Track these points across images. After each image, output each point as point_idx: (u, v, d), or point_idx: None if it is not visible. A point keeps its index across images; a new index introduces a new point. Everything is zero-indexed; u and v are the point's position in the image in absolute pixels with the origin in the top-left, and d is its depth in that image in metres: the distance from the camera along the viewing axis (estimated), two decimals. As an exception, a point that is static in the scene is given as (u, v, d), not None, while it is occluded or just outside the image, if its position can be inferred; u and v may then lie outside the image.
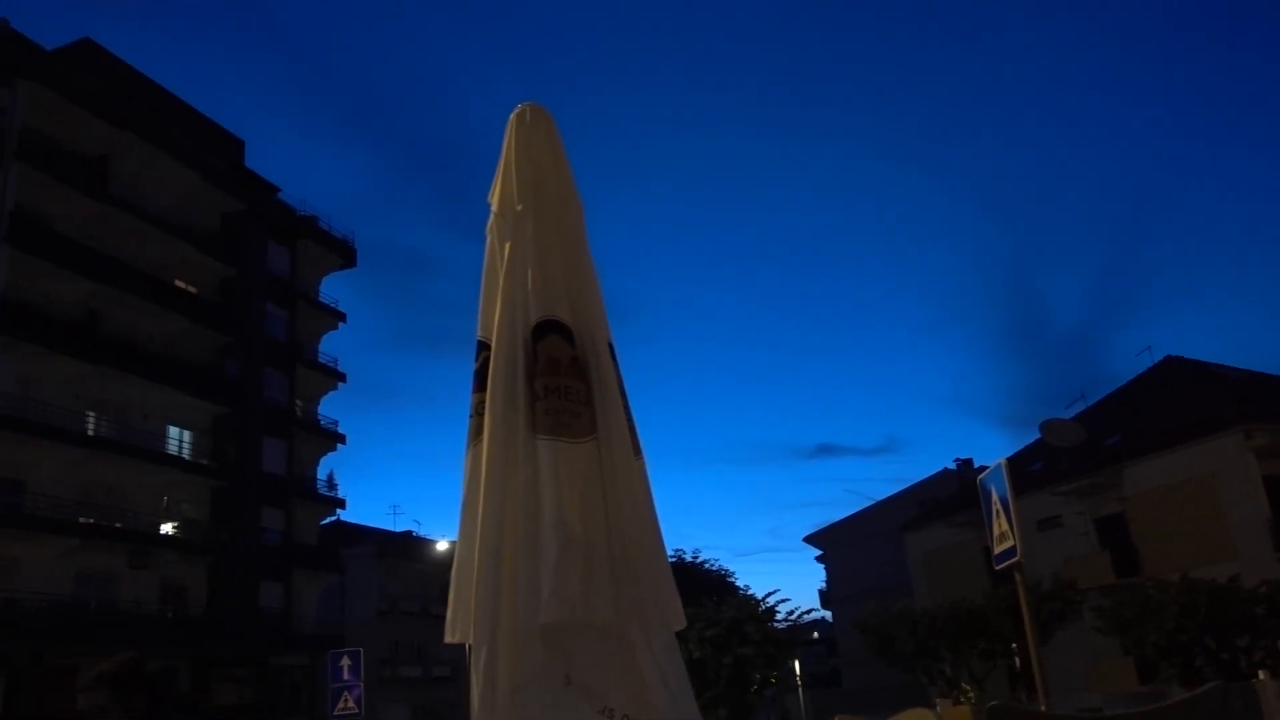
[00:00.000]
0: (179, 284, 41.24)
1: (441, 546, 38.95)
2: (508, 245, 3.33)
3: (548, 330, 3.18)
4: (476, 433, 3.19)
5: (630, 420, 3.20)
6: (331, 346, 53.85)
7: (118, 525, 36.16)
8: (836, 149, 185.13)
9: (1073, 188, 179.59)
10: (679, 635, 3.19)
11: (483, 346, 3.30)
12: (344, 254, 51.24)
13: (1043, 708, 8.37)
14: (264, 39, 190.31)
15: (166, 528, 38.82)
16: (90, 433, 36.02)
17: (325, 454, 48.96)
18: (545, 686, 2.90)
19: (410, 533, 60.22)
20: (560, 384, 3.11)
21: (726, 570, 59.36)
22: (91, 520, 35.07)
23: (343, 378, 50.23)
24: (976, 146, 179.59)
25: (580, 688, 2.93)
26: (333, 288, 52.77)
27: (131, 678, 3.26)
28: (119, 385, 36.94)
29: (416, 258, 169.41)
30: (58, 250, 35.20)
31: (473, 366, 3.32)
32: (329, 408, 50.01)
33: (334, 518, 50.32)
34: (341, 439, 49.32)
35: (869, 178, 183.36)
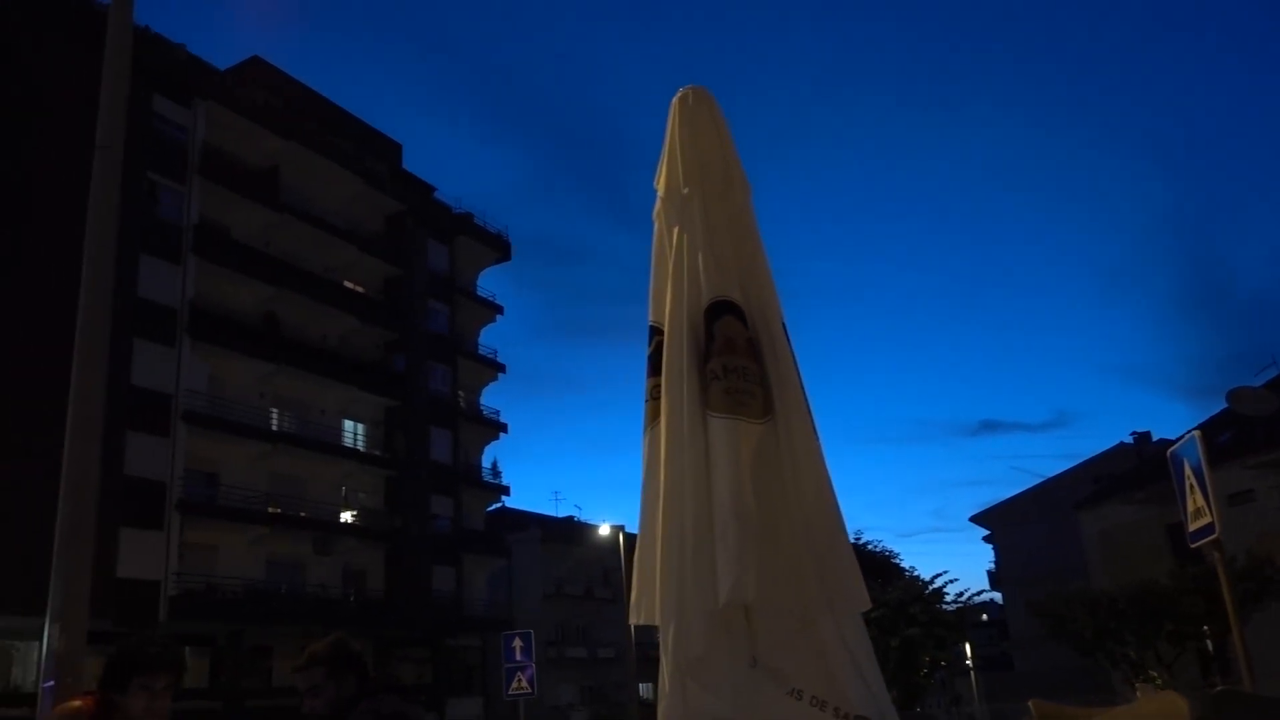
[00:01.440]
0: (348, 285, 43.28)
1: (603, 531, 39.61)
2: (676, 229, 3.34)
3: (721, 311, 3.17)
4: (653, 416, 3.21)
5: (807, 401, 3.16)
6: (491, 338, 55.51)
7: (302, 514, 38.33)
8: (996, 113, 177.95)
9: (1255, 137, 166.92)
10: None
11: (655, 331, 3.32)
12: (499, 248, 52.69)
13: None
14: (417, 42, 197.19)
15: (346, 516, 40.91)
16: (274, 428, 38.32)
17: (488, 443, 50.60)
18: (731, 668, 2.90)
19: (572, 518, 61.52)
20: (738, 364, 3.10)
21: (890, 551, 58.04)
22: (278, 510, 37.31)
23: (502, 368, 51.77)
24: (1146, 100, 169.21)
25: (767, 669, 2.92)
26: (490, 281, 54.26)
27: (341, 656, 3.44)
28: (298, 382, 39.13)
29: (570, 247, 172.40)
30: (238, 258, 37.56)
31: (645, 352, 3.34)
32: (490, 398, 51.63)
33: (499, 504, 51.95)
34: (503, 428, 50.87)
35: (1032, 141, 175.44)
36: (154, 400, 33.08)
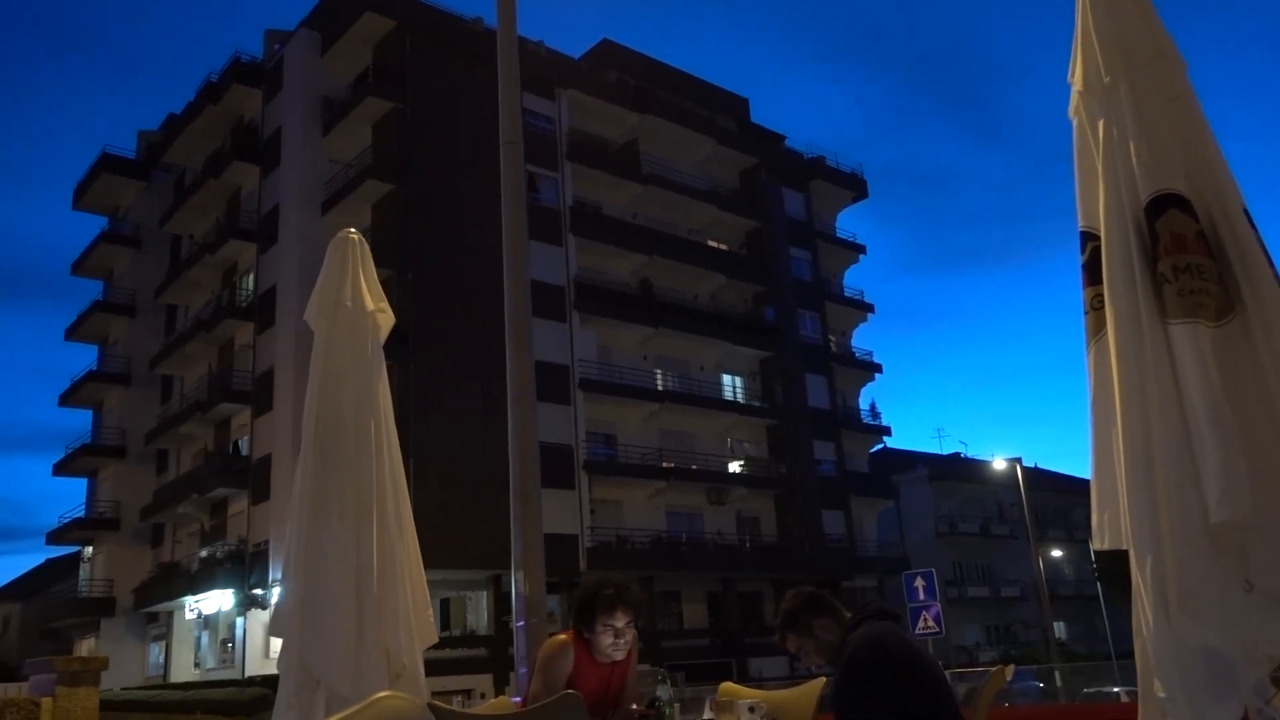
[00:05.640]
0: (712, 244, 44.65)
1: (998, 466, 37.82)
2: (1101, 123, 3.06)
3: (1164, 205, 2.87)
4: (1096, 328, 2.99)
5: (1284, 292, 2.78)
6: (855, 279, 54.96)
7: (693, 467, 40.33)
8: None
9: None
10: None
11: (1088, 237, 3.09)
12: (855, 187, 51.80)
13: None
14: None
15: (734, 466, 42.47)
16: (659, 387, 40.56)
17: (864, 384, 50.17)
18: (1223, 594, 2.63)
19: (958, 454, 59.55)
20: (1190, 262, 2.79)
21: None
22: (671, 465, 39.52)
23: (871, 308, 50.98)
24: None
25: (1267, 594, 2.62)
26: (848, 221, 53.76)
27: (792, 617, 3.76)
28: (676, 342, 41.12)
29: (931, 174, 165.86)
30: (611, 232, 40.11)
31: (1079, 261, 3.12)
32: (861, 339, 51.16)
33: (880, 445, 51.40)
34: (878, 368, 50.17)
35: None
36: (554, 372, 36.23)
